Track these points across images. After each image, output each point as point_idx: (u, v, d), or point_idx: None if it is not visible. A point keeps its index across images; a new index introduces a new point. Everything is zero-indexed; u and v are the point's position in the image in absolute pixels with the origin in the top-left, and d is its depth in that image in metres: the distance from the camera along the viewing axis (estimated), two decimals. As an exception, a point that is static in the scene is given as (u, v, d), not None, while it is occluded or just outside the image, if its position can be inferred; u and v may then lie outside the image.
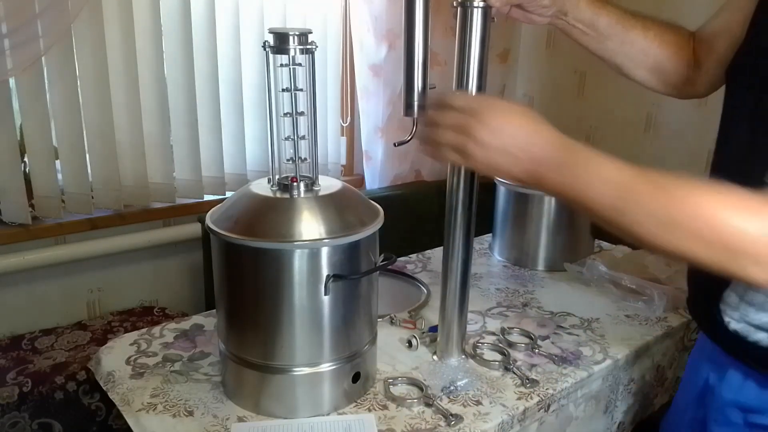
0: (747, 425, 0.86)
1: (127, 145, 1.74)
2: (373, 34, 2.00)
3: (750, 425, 0.85)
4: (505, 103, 0.76)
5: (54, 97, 1.62)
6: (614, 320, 1.26)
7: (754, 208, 0.63)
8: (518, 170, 0.74)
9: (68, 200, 1.71)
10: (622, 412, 1.20)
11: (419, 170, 2.29)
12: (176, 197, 1.86)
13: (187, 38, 1.74)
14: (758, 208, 0.62)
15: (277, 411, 0.93)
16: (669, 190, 0.66)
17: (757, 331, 0.80)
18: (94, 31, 1.61)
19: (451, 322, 1.06)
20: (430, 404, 0.95)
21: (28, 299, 1.71)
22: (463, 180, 0.98)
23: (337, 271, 0.88)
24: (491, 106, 0.75)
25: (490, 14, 0.90)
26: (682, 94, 1.04)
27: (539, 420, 1.01)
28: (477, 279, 1.44)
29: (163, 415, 0.93)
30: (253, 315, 0.91)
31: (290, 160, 0.92)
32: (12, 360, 1.50)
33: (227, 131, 1.88)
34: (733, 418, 0.87)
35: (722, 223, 0.63)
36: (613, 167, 0.68)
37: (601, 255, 1.57)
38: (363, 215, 0.93)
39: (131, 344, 1.13)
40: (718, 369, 0.90)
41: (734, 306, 0.81)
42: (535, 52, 2.32)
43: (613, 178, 0.68)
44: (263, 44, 0.86)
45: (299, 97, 0.89)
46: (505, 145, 0.73)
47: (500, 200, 1.56)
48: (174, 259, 1.94)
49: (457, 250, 1.02)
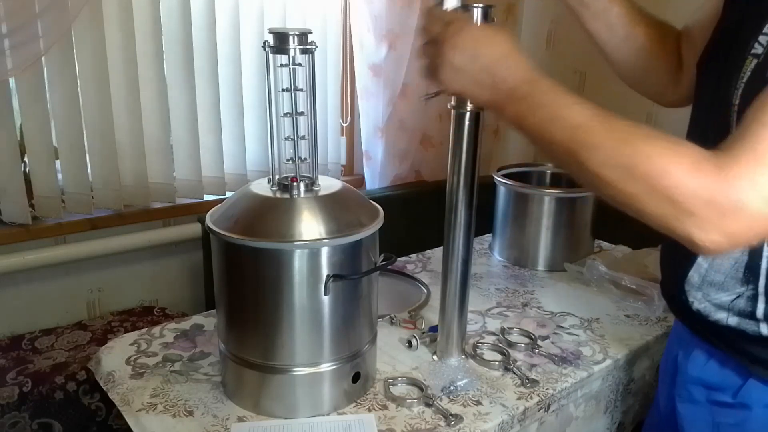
0: (709, 402, 0.88)
1: (127, 145, 1.74)
2: (373, 34, 2.00)
3: (711, 402, 0.88)
4: (480, 26, 0.77)
5: (54, 97, 1.62)
6: (614, 320, 1.26)
7: (705, 168, 0.61)
8: (483, 96, 0.76)
9: (68, 200, 1.71)
10: (622, 412, 1.20)
11: (419, 170, 2.29)
12: (176, 197, 1.86)
13: (187, 38, 1.74)
14: (709, 169, 0.61)
15: (277, 411, 0.93)
16: (625, 136, 0.65)
17: (717, 310, 0.83)
18: (94, 31, 1.61)
19: (451, 322, 1.06)
20: (430, 404, 0.95)
21: (28, 299, 1.71)
22: (463, 180, 0.98)
23: (337, 271, 0.88)
24: (464, 28, 0.75)
25: (489, 15, 0.90)
26: (667, 99, 1.04)
27: (539, 420, 1.01)
28: (477, 279, 1.44)
29: (163, 415, 0.93)
30: (253, 315, 0.91)
31: (290, 160, 0.92)
32: (12, 360, 1.50)
33: (227, 131, 1.88)
34: (697, 396, 0.90)
35: (671, 176, 0.62)
36: (575, 109, 0.68)
37: (601, 255, 1.57)
38: (363, 215, 0.93)
39: (131, 344, 1.13)
40: (685, 347, 0.92)
41: (697, 286, 0.84)
42: (535, 52, 2.32)
43: (573, 119, 0.68)
44: (263, 44, 0.86)
45: (299, 97, 0.89)
46: (472, 70, 0.74)
47: (500, 200, 1.56)
48: (174, 259, 1.94)
49: (457, 250, 1.02)
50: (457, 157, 0.97)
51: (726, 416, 0.86)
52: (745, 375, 0.83)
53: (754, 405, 0.83)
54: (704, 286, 0.83)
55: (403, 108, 2.13)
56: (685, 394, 0.92)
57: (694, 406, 0.90)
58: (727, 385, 0.85)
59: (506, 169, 1.65)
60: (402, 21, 2.01)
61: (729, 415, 0.85)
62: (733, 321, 0.81)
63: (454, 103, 0.95)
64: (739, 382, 0.84)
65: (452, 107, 0.96)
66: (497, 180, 1.55)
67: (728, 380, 0.85)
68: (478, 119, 0.95)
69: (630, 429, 1.24)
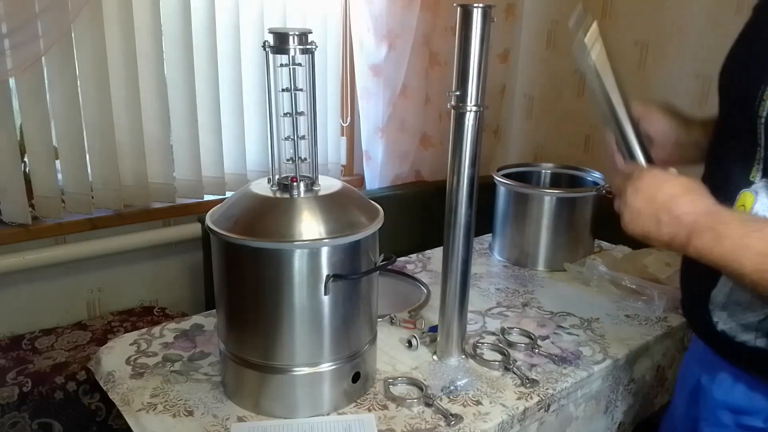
0: (738, 426, 0.86)
1: (127, 145, 1.74)
2: (373, 34, 2.00)
3: (740, 426, 0.86)
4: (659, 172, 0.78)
5: (54, 97, 1.62)
6: (614, 320, 1.26)
7: None
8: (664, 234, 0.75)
9: (68, 200, 1.71)
10: (622, 412, 1.20)
11: (419, 170, 2.29)
12: (176, 197, 1.86)
13: (187, 38, 1.74)
14: None
15: (277, 411, 0.93)
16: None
17: (744, 331, 0.80)
18: (94, 31, 1.61)
19: (451, 322, 1.06)
20: (430, 404, 0.95)
21: (28, 299, 1.71)
22: (464, 180, 0.98)
23: (337, 271, 0.88)
24: (643, 174, 0.77)
25: (489, 15, 0.90)
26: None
27: (539, 420, 1.01)
28: (477, 279, 1.44)
29: (163, 415, 0.93)
30: (253, 315, 0.91)
31: (290, 160, 0.92)
32: (12, 360, 1.50)
33: (227, 131, 1.88)
34: (724, 420, 0.87)
35: None
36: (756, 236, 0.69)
37: (601, 255, 1.57)
38: (363, 215, 0.93)
39: (131, 344, 1.13)
40: (710, 370, 0.90)
41: (722, 306, 0.82)
42: (535, 52, 2.32)
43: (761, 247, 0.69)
44: (263, 44, 0.86)
45: (299, 97, 0.89)
46: (651, 211, 0.76)
47: (500, 200, 1.56)
48: (174, 259, 1.94)
49: (457, 250, 1.02)
50: (457, 157, 0.97)
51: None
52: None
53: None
54: (729, 306, 0.81)
55: (403, 108, 2.12)
56: (712, 419, 0.89)
57: (723, 429, 0.88)
58: (758, 410, 0.83)
59: (506, 169, 1.65)
60: (402, 21, 2.01)
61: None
62: (762, 342, 0.79)
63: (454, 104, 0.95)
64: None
65: (452, 107, 0.96)
66: (497, 180, 1.55)
67: (758, 404, 0.83)
68: (478, 119, 0.95)
69: (630, 429, 1.24)
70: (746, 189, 0.78)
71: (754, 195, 0.77)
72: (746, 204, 0.78)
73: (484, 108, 0.96)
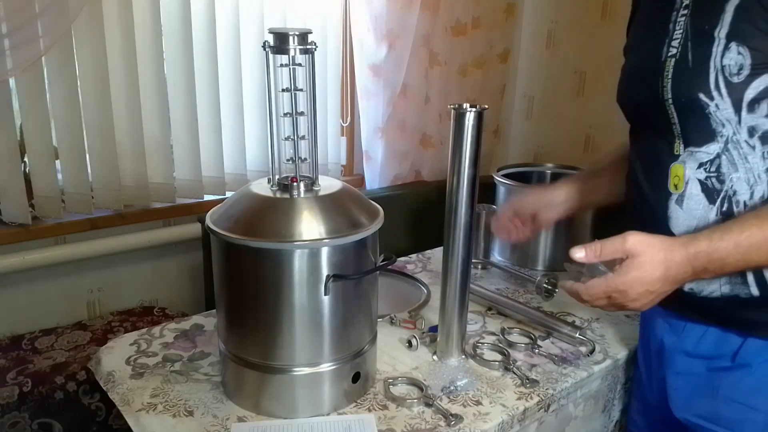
0: (709, 371, 0.92)
1: (127, 145, 1.74)
2: (373, 34, 2.00)
3: (710, 370, 0.91)
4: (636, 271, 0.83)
5: (54, 97, 1.62)
6: (614, 320, 1.26)
7: None
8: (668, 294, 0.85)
9: (68, 200, 1.71)
10: (619, 410, 1.20)
11: (419, 170, 2.29)
12: (176, 197, 1.86)
13: (187, 38, 1.74)
14: None
15: (277, 411, 0.93)
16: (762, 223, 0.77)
17: (709, 283, 0.87)
18: (94, 31, 1.61)
19: (451, 322, 1.06)
20: (430, 404, 0.96)
21: (28, 299, 1.71)
22: (464, 180, 0.98)
23: (337, 271, 0.88)
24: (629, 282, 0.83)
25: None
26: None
27: (539, 420, 1.01)
28: (477, 279, 1.44)
29: (163, 415, 0.93)
30: (253, 315, 0.91)
31: (290, 160, 0.92)
32: (12, 360, 1.50)
33: (227, 131, 1.88)
34: (696, 369, 0.93)
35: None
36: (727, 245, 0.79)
37: (601, 255, 1.56)
38: (363, 215, 0.93)
39: (131, 344, 1.13)
40: (674, 329, 0.96)
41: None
42: (535, 52, 2.32)
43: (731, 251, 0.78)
44: (263, 44, 0.86)
45: (299, 97, 0.89)
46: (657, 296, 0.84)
47: (500, 200, 1.56)
48: (174, 259, 1.94)
49: (457, 250, 1.02)
50: (457, 157, 0.97)
51: (724, 378, 0.89)
52: (743, 338, 0.87)
53: (753, 362, 0.86)
54: None
55: (403, 108, 2.12)
56: (684, 370, 0.94)
57: (695, 377, 0.93)
58: (725, 353, 0.89)
59: (506, 169, 1.65)
60: (402, 21, 2.01)
61: (727, 376, 0.89)
62: (726, 289, 0.86)
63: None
64: (736, 346, 0.88)
65: (452, 107, 0.96)
66: (497, 180, 1.55)
67: (725, 349, 0.89)
68: (478, 119, 0.95)
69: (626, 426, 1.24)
70: (675, 162, 0.88)
71: (683, 165, 0.87)
72: (679, 174, 0.87)
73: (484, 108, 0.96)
